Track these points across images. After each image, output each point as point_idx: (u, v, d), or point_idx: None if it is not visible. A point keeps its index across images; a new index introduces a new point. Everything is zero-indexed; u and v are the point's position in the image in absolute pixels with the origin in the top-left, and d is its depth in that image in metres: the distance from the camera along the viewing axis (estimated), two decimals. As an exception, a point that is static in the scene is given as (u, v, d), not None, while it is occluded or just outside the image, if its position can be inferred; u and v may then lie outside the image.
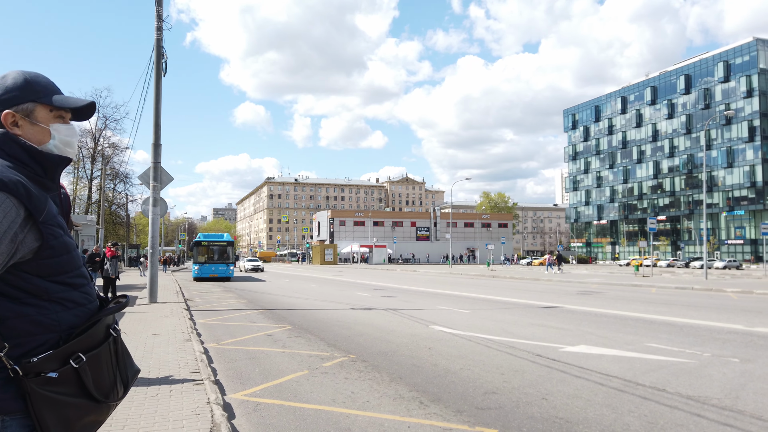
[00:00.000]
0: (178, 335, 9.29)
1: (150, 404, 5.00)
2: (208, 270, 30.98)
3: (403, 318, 12.92)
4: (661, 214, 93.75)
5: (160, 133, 16.04)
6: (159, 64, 16.03)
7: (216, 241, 32.23)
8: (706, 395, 5.88)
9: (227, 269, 31.43)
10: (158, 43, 15.98)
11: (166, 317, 12.11)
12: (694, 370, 7.10)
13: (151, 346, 8.18)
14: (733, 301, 18.33)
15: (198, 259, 31.36)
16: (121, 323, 11.10)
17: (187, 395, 5.29)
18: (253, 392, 6.11)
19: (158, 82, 16.04)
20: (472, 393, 6.01)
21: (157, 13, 15.99)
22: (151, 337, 9.03)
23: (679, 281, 30.12)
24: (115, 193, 55.99)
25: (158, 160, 15.89)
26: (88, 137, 49.46)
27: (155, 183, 15.70)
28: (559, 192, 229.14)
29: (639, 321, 12.43)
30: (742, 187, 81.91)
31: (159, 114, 16.02)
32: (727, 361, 7.73)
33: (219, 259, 31.57)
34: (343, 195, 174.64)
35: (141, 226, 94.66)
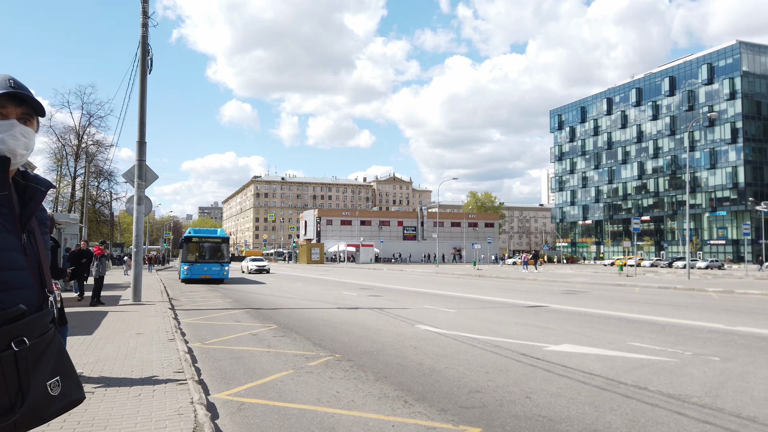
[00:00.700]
0: (162, 335, 9.22)
1: (132, 404, 4.96)
2: (199, 270, 27.08)
3: (389, 317, 12.93)
4: (645, 215, 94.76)
5: (145, 130, 15.90)
6: (144, 61, 15.89)
7: (209, 237, 28.16)
8: (687, 393, 5.96)
9: (221, 269, 27.51)
10: (144, 40, 15.85)
11: (150, 317, 12.01)
12: (676, 369, 7.19)
13: (134, 346, 8.11)
14: (714, 300, 18.57)
15: (187, 257, 27.33)
16: (104, 322, 11.00)
17: (171, 395, 5.26)
18: (238, 392, 6.08)
19: (143, 79, 15.89)
20: (456, 392, 6.04)
21: (142, 9, 15.85)
22: (134, 337, 8.96)
23: (662, 281, 30.46)
24: (99, 191, 55.38)
25: (143, 158, 15.75)
26: (71, 134, 48.87)
27: (140, 181, 15.57)
28: (545, 192, 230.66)
29: (622, 320, 12.55)
30: (725, 188, 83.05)
31: (144, 111, 15.87)
32: (707, 360, 7.83)
33: (212, 258, 27.56)
34: (330, 194, 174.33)
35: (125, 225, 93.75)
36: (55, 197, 49.99)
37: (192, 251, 27.53)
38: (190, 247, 27.53)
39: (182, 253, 28.15)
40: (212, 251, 27.83)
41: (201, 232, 29.15)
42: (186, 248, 27.50)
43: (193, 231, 28.74)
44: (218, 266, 27.46)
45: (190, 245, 27.53)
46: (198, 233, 28.55)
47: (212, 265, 27.35)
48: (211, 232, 29.34)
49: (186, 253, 27.53)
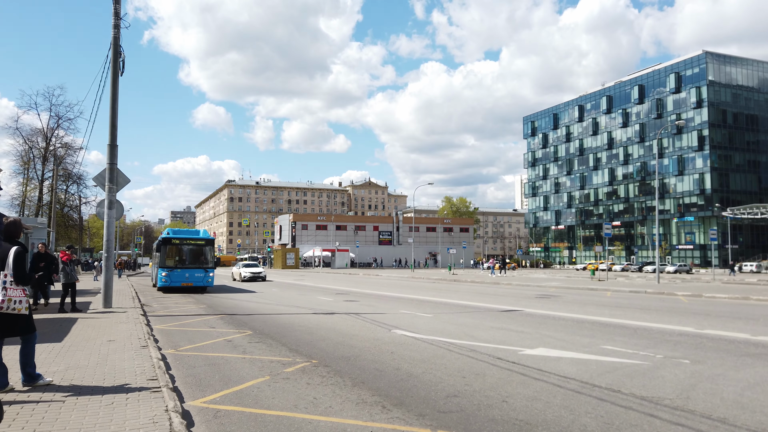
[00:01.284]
0: (135, 341, 9.04)
1: (105, 413, 4.85)
2: (179, 277, 23.61)
3: (365, 322, 12.91)
4: (616, 220, 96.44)
5: (117, 133, 15.62)
6: (116, 63, 15.63)
7: (190, 239, 24.82)
8: (659, 396, 6.07)
9: (205, 276, 24.05)
10: (115, 42, 15.58)
11: (121, 323, 11.77)
12: (648, 372, 7.33)
13: (105, 353, 7.93)
14: (683, 304, 18.98)
15: (165, 262, 23.77)
16: (74, 329, 10.75)
17: (144, 403, 5.15)
18: (213, 399, 6.00)
19: (115, 81, 15.62)
20: (434, 396, 6.05)
21: (114, 10, 15.58)
22: (105, 344, 8.76)
23: (632, 285, 31.03)
24: (68, 195, 54.13)
25: (114, 162, 15.46)
26: (39, 137, 47.73)
27: (111, 185, 15.28)
28: (518, 197, 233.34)
29: (595, 324, 12.75)
30: (692, 194, 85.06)
31: (116, 114, 15.60)
32: (678, 363, 8.00)
33: (194, 263, 24.19)
34: (306, 199, 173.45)
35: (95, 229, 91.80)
36: (22, 201, 48.73)
37: (171, 255, 24.18)
38: (168, 251, 24.14)
39: (159, 257, 24.42)
40: (195, 255, 24.53)
41: (181, 233, 25.77)
42: (164, 251, 23.93)
43: (173, 232, 25.30)
44: (202, 272, 24.00)
45: (168, 248, 24.16)
46: (178, 234, 25.19)
47: (195, 271, 23.91)
48: (192, 233, 26.06)
49: (164, 257, 23.89)
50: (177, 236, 24.79)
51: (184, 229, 29.14)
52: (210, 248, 24.97)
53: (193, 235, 25.47)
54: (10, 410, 4.94)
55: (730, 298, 21.30)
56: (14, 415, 4.78)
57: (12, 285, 5.67)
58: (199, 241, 24.94)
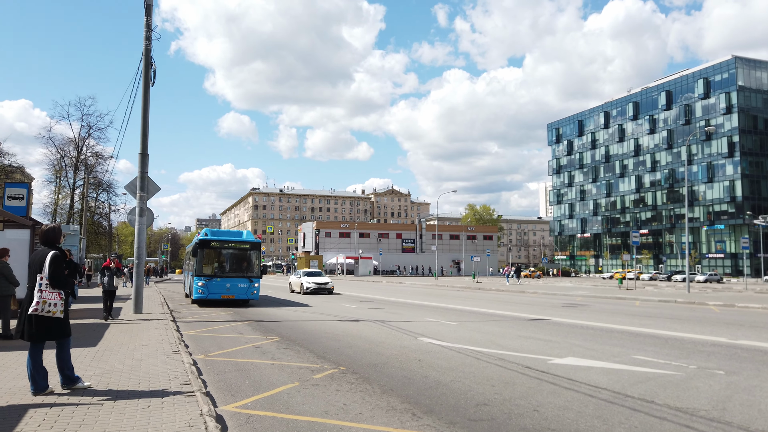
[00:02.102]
0: (166, 347, 9.20)
1: (142, 416, 4.95)
2: (218, 288, 19.94)
3: (391, 330, 12.92)
4: (644, 228, 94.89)
5: (148, 142, 15.96)
6: (147, 73, 15.99)
7: (233, 242, 21.05)
8: (694, 407, 5.96)
9: (249, 287, 20.34)
10: (147, 53, 15.95)
11: (152, 329, 11.98)
12: (681, 382, 7.20)
13: (139, 358, 8.09)
14: (715, 314, 18.58)
15: (202, 269, 20.09)
16: (107, 334, 10.98)
17: (180, 407, 5.25)
18: (245, 404, 6.07)
19: (146, 91, 15.98)
20: (464, 405, 6.03)
21: (146, 23, 15.97)
22: (138, 349, 8.94)
23: (662, 294, 30.46)
24: (98, 203, 55.41)
25: (145, 170, 15.79)
26: (71, 146, 48.93)
27: (142, 193, 15.60)
28: (543, 205, 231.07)
29: (625, 333, 12.56)
30: (722, 202, 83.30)
31: (147, 124, 15.94)
32: (712, 374, 7.84)
33: (237, 271, 20.61)
34: (329, 206, 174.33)
35: (123, 237, 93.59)
36: (54, 209, 49.96)
37: (209, 261, 20.45)
38: (206, 255, 20.36)
39: (195, 263, 20.55)
40: (237, 261, 20.92)
41: (222, 234, 22.14)
42: (200, 256, 20.14)
43: (211, 233, 21.34)
44: (246, 282, 20.33)
45: (206, 252, 20.37)
46: (218, 236, 21.39)
47: (237, 281, 20.23)
48: (235, 234, 22.21)
49: (200, 263, 20.13)
50: (217, 238, 20.86)
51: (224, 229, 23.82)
52: (256, 253, 21.18)
53: (235, 237, 21.56)
54: (51, 412, 5.08)
55: (764, 308, 20.77)
56: (55, 417, 4.92)
57: (48, 288, 5.82)
58: (243, 244, 21.06)
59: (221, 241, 20.88)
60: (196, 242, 20.76)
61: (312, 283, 29.39)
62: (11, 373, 6.97)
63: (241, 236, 21.67)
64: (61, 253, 6.02)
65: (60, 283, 5.87)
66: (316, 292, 29.37)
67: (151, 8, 15.95)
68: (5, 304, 10.47)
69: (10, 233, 13.42)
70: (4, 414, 5.00)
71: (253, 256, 21.10)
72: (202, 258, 20.21)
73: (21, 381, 6.50)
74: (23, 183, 19.47)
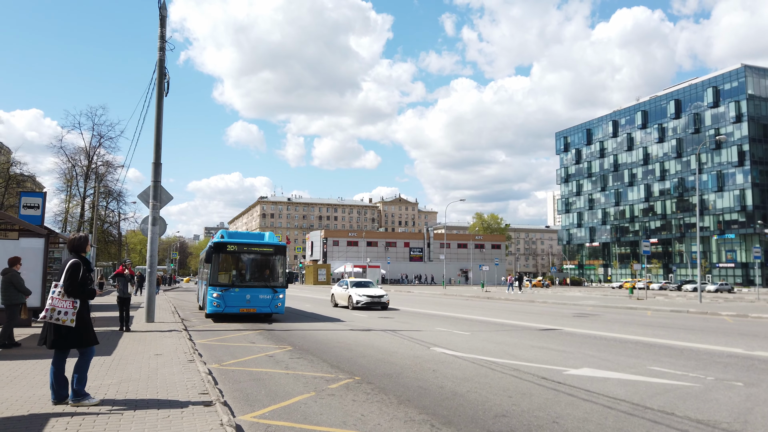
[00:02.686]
0: (181, 356, 9.22)
1: (163, 425, 4.96)
2: (237, 300, 16.94)
3: (403, 339, 12.89)
4: (653, 237, 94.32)
5: (161, 152, 16.09)
6: (161, 83, 16.14)
7: (254, 245, 17.93)
8: (715, 419, 5.91)
9: (273, 298, 17.34)
10: (161, 64, 16.11)
11: (165, 337, 12.02)
12: (700, 394, 7.13)
13: (155, 367, 8.11)
14: (729, 324, 18.40)
15: (218, 278, 17.19)
16: (121, 343, 11.02)
17: (199, 417, 5.26)
18: (262, 414, 6.07)
19: (160, 102, 16.12)
20: (482, 416, 6.00)
21: (160, 34, 16.14)
22: (153, 358, 8.96)
23: (673, 304, 30.21)
24: (108, 212, 55.74)
25: (158, 179, 15.91)
26: (81, 155, 49.34)
27: (155, 202, 15.69)
28: (550, 214, 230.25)
29: (639, 344, 12.46)
30: (733, 211, 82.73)
31: (160, 133, 16.08)
32: (731, 385, 7.76)
33: (258, 279, 17.70)
34: (336, 215, 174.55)
35: (132, 245, 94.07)
36: (64, 217, 50.32)
37: (226, 268, 17.64)
38: (222, 261, 17.47)
39: (209, 270, 17.34)
40: (259, 268, 18.03)
41: (241, 236, 19.46)
42: (216, 263, 17.22)
43: (228, 235, 18.41)
44: (269, 293, 17.35)
45: (222, 258, 17.42)
46: (236, 238, 18.44)
47: (259, 291, 17.31)
48: (255, 237, 19.53)
49: (215, 270, 17.24)
50: (235, 241, 17.77)
51: (243, 231, 21.45)
52: (280, 259, 18.20)
53: (256, 240, 18.61)
54: (72, 422, 5.10)
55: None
56: (77, 426, 4.94)
57: (60, 296, 5.82)
58: (265, 248, 18.02)
59: (240, 245, 17.68)
60: (210, 246, 17.55)
61: (363, 296, 23.94)
62: (28, 382, 7.00)
63: (262, 239, 18.90)
64: (80, 261, 6.02)
65: (74, 292, 5.84)
66: (368, 307, 23.94)
67: (165, 20, 16.12)
68: (12, 313, 10.53)
69: (25, 242, 13.54)
70: (26, 423, 5.02)
71: (277, 262, 18.15)
72: (217, 264, 17.27)
73: (39, 390, 6.53)
74: (39, 192, 19.61)
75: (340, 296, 25.99)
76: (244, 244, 17.85)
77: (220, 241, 17.49)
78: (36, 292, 13.27)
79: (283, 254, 18.23)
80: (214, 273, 17.16)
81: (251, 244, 17.95)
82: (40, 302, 13.91)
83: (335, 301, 26.72)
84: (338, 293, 26.40)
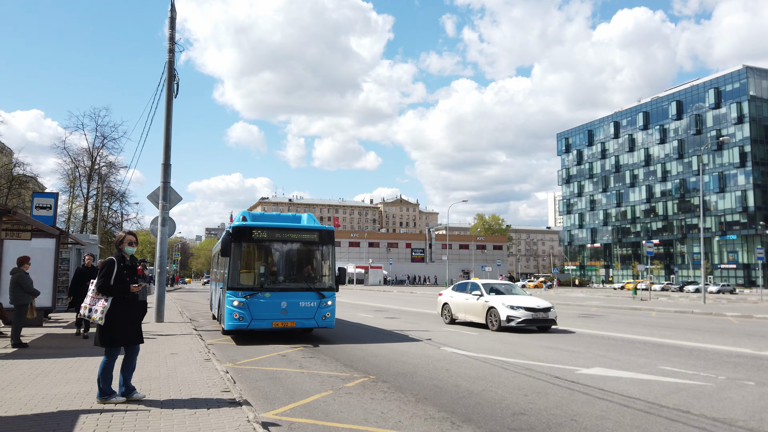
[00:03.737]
0: (196, 355, 9.32)
1: (191, 422, 5.05)
2: (269, 309, 12.13)
3: (412, 341, 12.97)
4: (655, 238, 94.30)
5: (170, 153, 16.18)
6: (170, 85, 16.24)
7: (289, 230, 13.10)
8: (731, 417, 5.99)
9: (320, 306, 12.57)
10: (170, 65, 16.21)
11: (177, 336, 12.11)
12: (714, 393, 7.22)
13: (173, 366, 8.21)
14: (734, 325, 18.49)
15: (239, 279, 12.28)
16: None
17: (225, 414, 5.35)
18: (283, 411, 6.16)
19: (169, 103, 16.23)
20: (500, 414, 6.09)
21: (169, 35, 16.25)
22: (170, 357, 9.06)
23: (677, 305, 30.30)
24: (110, 212, 55.83)
25: (168, 180, 16.00)
26: (85, 156, 49.46)
27: (164, 203, 15.79)
28: (551, 215, 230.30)
29: (647, 344, 12.55)
30: (734, 212, 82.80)
31: (169, 135, 16.18)
32: (743, 384, 7.85)
33: (297, 279, 12.99)
34: (337, 216, 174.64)
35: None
36: (67, 218, 50.45)
37: (251, 263, 12.90)
38: (245, 254, 12.70)
39: (228, 268, 12.39)
40: (298, 262, 13.26)
41: (270, 218, 14.85)
42: (236, 255, 12.33)
43: (253, 218, 13.79)
44: (313, 299, 12.52)
45: (246, 249, 12.69)
46: (265, 221, 13.92)
47: (300, 297, 12.45)
48: (290, 219, 14.60)
49: (236, 266, 12.35)
50: (263, 225, 12.92)
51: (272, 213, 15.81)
52: (328, 249, 13.24)
53: (292, 224, 13.70)
54: (102, 418, 5.19)
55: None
56: (107, 422, 5.03)
57: (93, 293, 5.91)
58: (306, 233, 13.10)
59: (270, 230, 12.75)
60: (227, 233, 12.70)
61: (522, 311, 15.00)
62: (51, 380, 7.09)
63: (299, 221, 13.99)
64: (114, 258, 6.02)
65: (102, 289, 5.90)
66: (525, 327, 15.21)
67: (175, 21, 16.23)
68: (20, 313, 10.59)
69: (37, 242, 13.65)
70: (57, 419, 5.11)
71: (323, 253, 13.20)
72: (238, 258, 12.27)
73: (63, 387, 6.62)
74: (51, 193, 19.74)
75: (471, 308, 16.68)
76: (277, 228, 12.82)
77: (241, 225, 12.48)
78: (46, 293, 13.37)
79: (331, 242, 13.15)
80: (234, 271, 12.09)
81: (286, 229, 12.92)
82: (51, 302, 14.04)
83: (452, 315, 17.72)
84: (462, 303, 17.21)
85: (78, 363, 8.49)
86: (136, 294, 6.06)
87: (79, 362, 8.57)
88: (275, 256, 12.87)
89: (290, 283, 12.63)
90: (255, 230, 12.48)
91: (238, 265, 12.22)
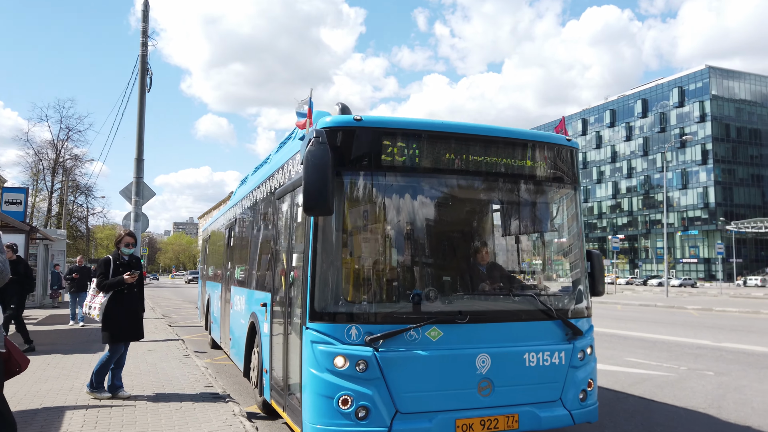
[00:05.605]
0: (174, 351, 9.35)
1: (178, 416, 5.16)
2: (449, 375, 3.95)
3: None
4: (620, 233, 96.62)
5: (143, 148, 15.99)
6: (143, 79, 16.02)
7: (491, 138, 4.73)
8: (692, 405, 6.37)
9: (568, 364, 4.35)
10: (143, 59, 15.97)
11: (152, 333, 12.06)
12: (676, 383, 7.62)
13: (152, 362, 8.25)
14: (695, 318, 19.25)
15: (353, 291, 4.16)
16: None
17: (211, 408, 5.46)
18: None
19: (142, 97, 15.99)
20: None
21: (142, 29, 16.01)
22: (148, 353, 9.07)
23: (641, 299, 31.27)
24: (75, 206, 54.58)
25: (141, 176, 15.79)
26: (49, 148, 48.23)
27: (137, 198, 15.59)
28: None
29: (613, 336, 13.02)
30: (696, 208, 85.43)
31: (142, 129, 15.94)
32: (703, 374, 8.29)
33: (507, 285, 4.76)
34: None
35: (99, 240, 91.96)
36: (30, 212, 49.16)
37: (382, 242, 4.41)
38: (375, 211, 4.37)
39: (304, 258, 4.15)
40: (503, 240, 5.13)
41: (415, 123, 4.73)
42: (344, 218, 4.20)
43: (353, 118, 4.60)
44: (552, 340, 4.42)
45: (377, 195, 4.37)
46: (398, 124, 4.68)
47: (519, 341, 4.29)
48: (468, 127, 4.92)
49: (336, 255, 4.12)
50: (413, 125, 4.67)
51: None
52: (572, 201, 5.19)
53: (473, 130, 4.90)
54: (89, 413, 5.25)
55: (740, 312, 21.55)
56: (95, 417, 5.10)
57: (95, 291, 6.05)
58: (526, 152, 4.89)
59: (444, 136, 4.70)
60: (312, 145, 4.14)
61: None
62: (30, 378, 7.06)
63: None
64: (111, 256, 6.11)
65: (100, 287, 6.00)
66: None
67: (148, 14, 16.01)
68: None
69: (6, 238, 13.37)
70: (43, 415, 5.16)
71: (561, 211, 5.20)
72: (340, 224, 4.21)
73: (44, 384, 6.62)
74: (21, 188, 19.31)
75: None
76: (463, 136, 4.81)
77: (354, 123, 4.60)
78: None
79: (577, 184, 5.31)
80: (333, 268, 4.14)
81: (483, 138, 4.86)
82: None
83: None
84: None
85: (55, 360, 8.47)
86: (134, 287, 6.12)
87: (56, 359, 8.54)
88: (447, 225, 5.02)
89: (493, 298, 4.71)
90: (404, 136, 4.57)
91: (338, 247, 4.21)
